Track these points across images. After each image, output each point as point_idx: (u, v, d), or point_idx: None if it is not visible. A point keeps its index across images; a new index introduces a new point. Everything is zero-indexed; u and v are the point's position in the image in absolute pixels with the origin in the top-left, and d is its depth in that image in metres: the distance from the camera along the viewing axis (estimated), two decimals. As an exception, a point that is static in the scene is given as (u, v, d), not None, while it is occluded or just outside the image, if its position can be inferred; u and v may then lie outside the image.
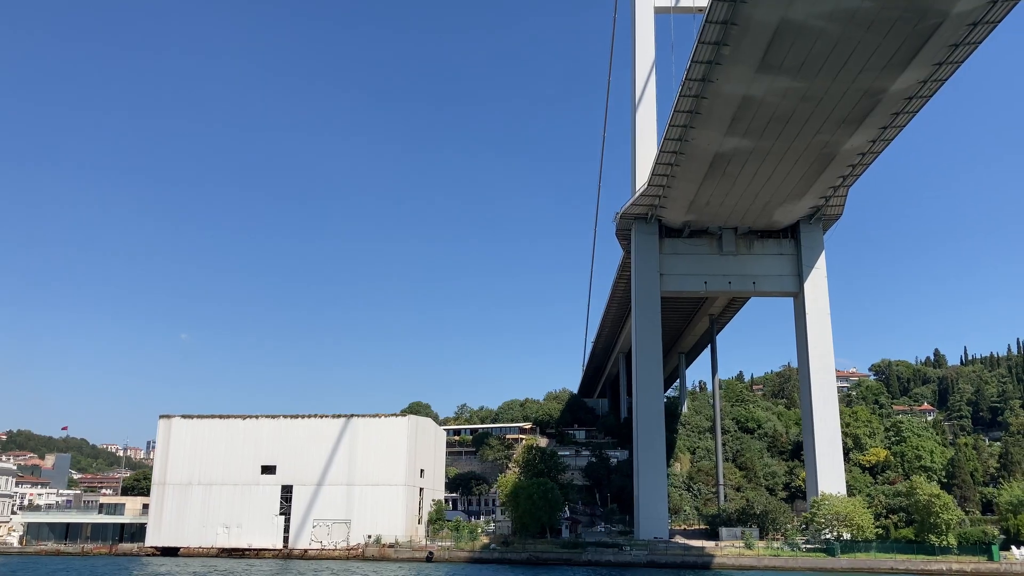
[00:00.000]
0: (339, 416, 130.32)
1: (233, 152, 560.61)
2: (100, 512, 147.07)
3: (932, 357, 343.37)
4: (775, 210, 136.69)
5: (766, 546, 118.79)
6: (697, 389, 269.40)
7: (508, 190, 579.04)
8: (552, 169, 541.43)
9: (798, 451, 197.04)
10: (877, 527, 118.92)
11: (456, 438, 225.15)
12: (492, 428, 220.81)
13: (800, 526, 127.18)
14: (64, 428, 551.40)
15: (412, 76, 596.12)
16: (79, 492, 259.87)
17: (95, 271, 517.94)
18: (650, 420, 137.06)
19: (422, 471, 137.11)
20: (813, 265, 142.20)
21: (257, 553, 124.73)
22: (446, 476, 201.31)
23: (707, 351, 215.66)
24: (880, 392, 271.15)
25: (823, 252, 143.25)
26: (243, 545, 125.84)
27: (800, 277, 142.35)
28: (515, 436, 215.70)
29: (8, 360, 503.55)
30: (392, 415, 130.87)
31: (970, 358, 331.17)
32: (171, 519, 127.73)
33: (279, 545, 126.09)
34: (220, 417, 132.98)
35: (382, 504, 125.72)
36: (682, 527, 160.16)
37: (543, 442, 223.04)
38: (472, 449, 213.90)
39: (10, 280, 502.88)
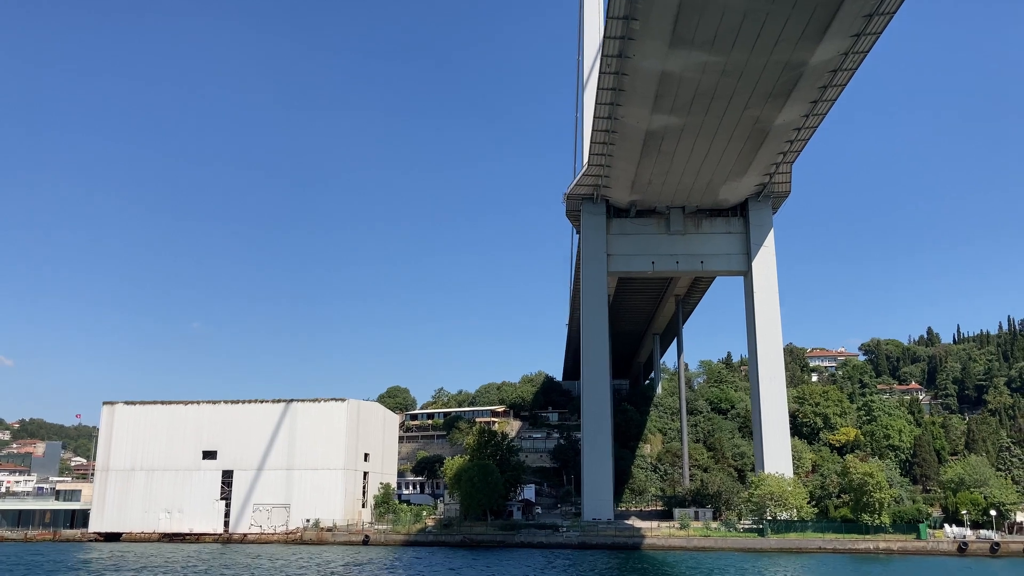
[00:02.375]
0: (279, 401, 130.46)
1: (200, 138, 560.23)
2: (58, 499, 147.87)
3: (925, 336, 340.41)
4: (720, 188, 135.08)
5: (703, 526, 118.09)
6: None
7: (489, 171, 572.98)
8: (534, 147, 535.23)
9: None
10: (814, 506, 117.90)
11: (429, 422, 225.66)
12: (464, 412, 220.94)
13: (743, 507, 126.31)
14: (78, 416, 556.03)
15: (381, 65, 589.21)
16: (66, 479, 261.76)
17: (106, 264, 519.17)
18: (595, 404, 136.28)
19: (366, 455, 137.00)
20: (761, 244, 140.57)
21: (197, 538, 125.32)
22: (415, 459, 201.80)
23: (683, 332, 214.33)
24: (864, 371, 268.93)
25: (772, 230, 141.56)
26: (184, 530, 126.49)
27: (749, 256, 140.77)
28: (487, 419, 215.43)
29: (25, 350, 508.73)
30: (332, 399, 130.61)
31: (963, 336, 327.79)
32: (114, 505, 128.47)
33: (220, 530, 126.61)
34: (162, 403, 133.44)
35: (321, 488, 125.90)
36: (639, 508, 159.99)
37: (516, 425, 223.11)
38: (444, 432, 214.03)
39: (26, 271, 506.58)
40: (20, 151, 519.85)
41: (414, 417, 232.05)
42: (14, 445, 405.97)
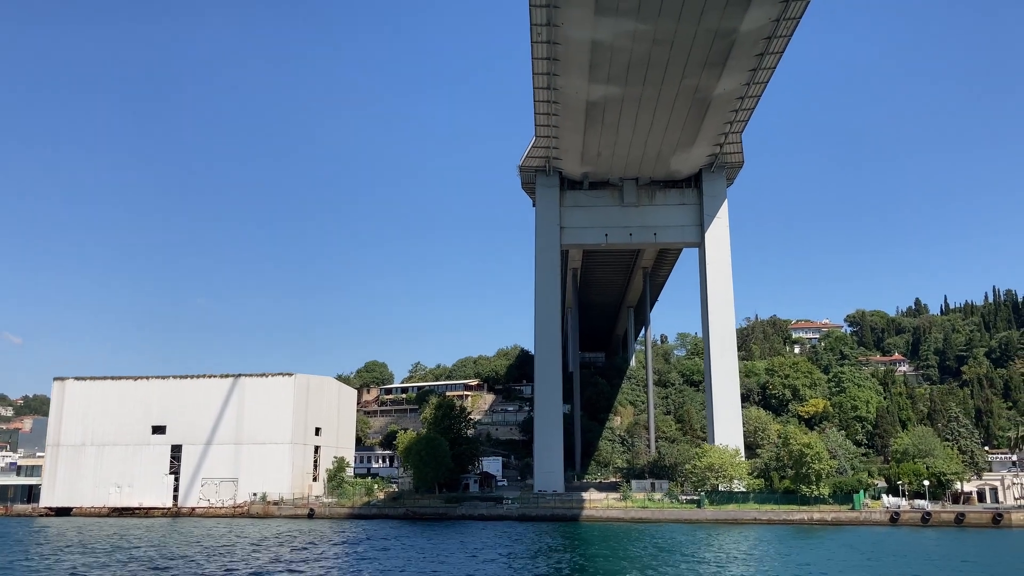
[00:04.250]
0: (227, 376, 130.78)
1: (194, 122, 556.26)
2: (18, 475, 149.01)
3: (913, 307, 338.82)
4: (670, 159, 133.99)
5: (646, 497, 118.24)
6: (658, 342, 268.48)
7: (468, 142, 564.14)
8: (514, 122, 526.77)
9: (741, 402, 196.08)
10: (757, 477, 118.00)
11: (403, 396, 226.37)
12: (436, 386, 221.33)
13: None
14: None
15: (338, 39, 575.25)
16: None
17: (112, 241, 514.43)
18: (547, 376, 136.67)
19: (318, 429, 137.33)
20: (715, 215, 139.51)
21: (147, 512, 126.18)
22: (387, 433, 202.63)
23: (663, 304, 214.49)
24: (844, 342, 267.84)
25: (725, 201, 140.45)
26: (134, 504, 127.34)
27: (702, 227, 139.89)
28: (459, 393, 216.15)
29: (33, 328, 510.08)
30: (279, 374, 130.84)
31: (950, 307, 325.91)
32: (65, 480, 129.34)
33: (169, 504, 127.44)
34: (112, 379, 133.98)
35: (269, 462, 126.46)
36: (598, 480, 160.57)
37: (489, 398, 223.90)
38: (416, 407, 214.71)
39: (34, 249, 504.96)
40: (22, 134, 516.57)
41: (388, 391, 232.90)
42: (15, 421, 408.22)
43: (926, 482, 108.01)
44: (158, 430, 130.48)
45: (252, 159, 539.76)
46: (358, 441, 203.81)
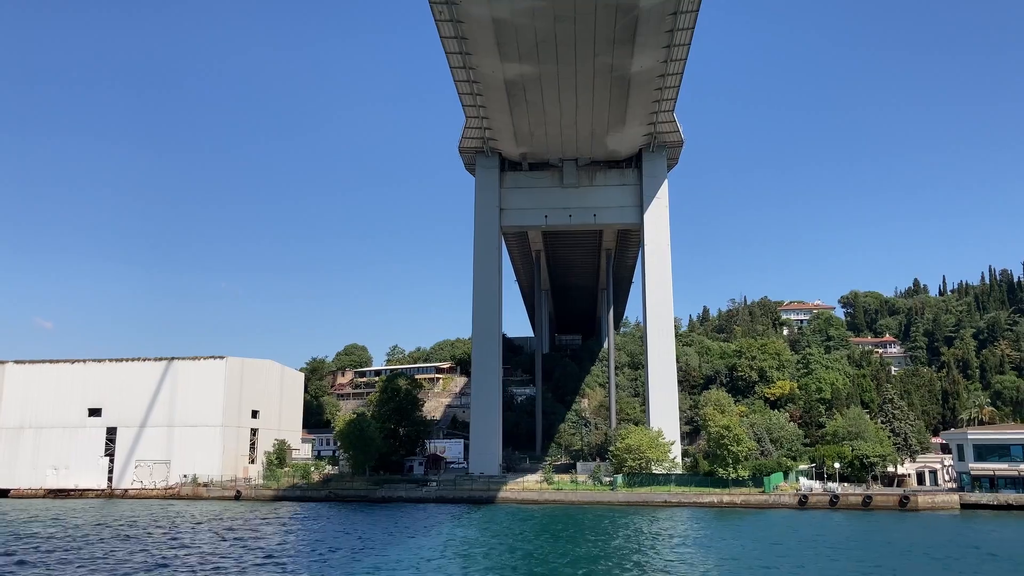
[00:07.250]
0: (161, 359, 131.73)
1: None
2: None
3: (912, 287, 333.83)
4: (605, 139, 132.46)
5: (570, 479, 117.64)
6: (641, 324, 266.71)
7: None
8: None
9: (708, 384, 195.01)
10: (684, 460, 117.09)
11: (376, 379, 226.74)
12: (408, 369, 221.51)
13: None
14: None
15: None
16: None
17: (136, 225, 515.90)
18: (484, 361, 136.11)
19: (255, 412, 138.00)
20: (654, 195, 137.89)
21: (81, 493, 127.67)
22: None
23: (641, 288, 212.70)
24: (832, 324, 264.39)
25: (665, 181, 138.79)
26: (70, 486, 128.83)
27: (642, 208, 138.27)
28: (431, 376, 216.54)
29: (63, 313, 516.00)
30: (211, 357, 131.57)
31: (948, 288, 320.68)
32: (3, 462, 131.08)
33: (104, 485, 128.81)
34: (51, 362, 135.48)
35: (201, 444, 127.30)
36: (549, 462, 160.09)
37: (460, 381, 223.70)
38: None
39: (63, 233, 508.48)
40: (32, 128, 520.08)
41: (362, 374, 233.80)
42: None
43: (836, 464, 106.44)
44: (94, 412, 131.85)
45: (243, 148, 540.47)
46: (326, 424, 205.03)
